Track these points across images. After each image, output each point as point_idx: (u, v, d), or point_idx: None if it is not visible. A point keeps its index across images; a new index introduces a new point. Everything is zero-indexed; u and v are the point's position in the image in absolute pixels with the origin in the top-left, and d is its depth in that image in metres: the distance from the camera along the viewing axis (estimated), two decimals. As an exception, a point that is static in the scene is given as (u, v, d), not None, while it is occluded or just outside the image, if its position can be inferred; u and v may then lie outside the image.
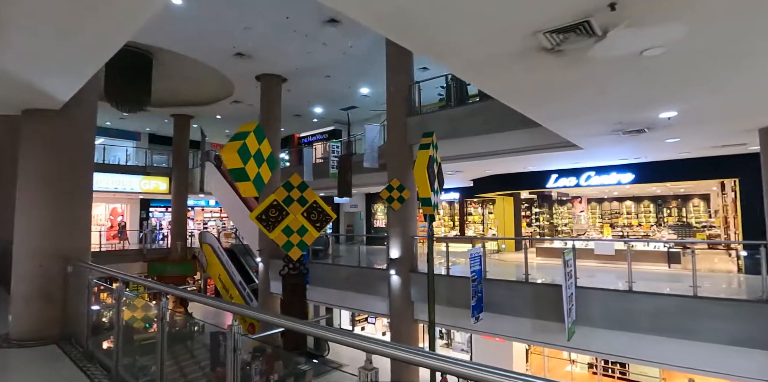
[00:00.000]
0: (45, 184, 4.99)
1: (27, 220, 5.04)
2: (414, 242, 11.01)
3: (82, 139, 5.31)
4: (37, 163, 5.00)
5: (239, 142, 3.93)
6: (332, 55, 13.84)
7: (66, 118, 5.12)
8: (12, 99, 4.80)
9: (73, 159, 5.20)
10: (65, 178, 5.15)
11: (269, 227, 7.02)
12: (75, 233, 5.23)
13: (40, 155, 5.00)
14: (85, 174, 5.37)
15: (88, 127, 5.48)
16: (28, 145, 5.07)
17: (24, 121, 5.12)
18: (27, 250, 5.00)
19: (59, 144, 5.03)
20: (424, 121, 10.77)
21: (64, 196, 5.07)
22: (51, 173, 5.01)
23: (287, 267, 7.66)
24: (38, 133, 5.04)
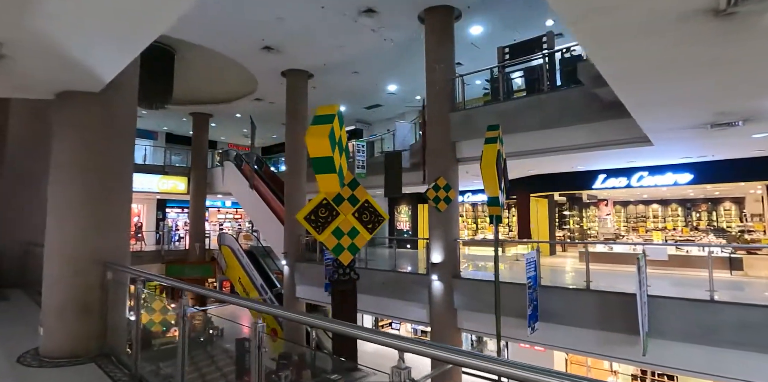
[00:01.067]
0: (82, 177, 4.32)
1: (60, 219, 4.36)
2: (457, 246, 10.31)
3: (123, 127, 4.68)
4: (72, 154, 4.33)
5: (326, 126, 3.26)
6: (364, 49, 13.21)
7: (105, 102, 4.46)
8: (49, 79, 4.16)
9: (112, 149, 4.52)
10: (104, 171, 4.47)
11: (318, 229, 6.37)
12: (114, 235, 4.52)
13: (76, 144, 4.36)
14: (126, 167, 4.72)
15: (129, 114, 4.82)
16: (63, 133, 4.41)
17: (58, 106, 4.47)
18: (61, 254, 4.30)
19: (98, 132, 4.37)
20: (468, 117, 10.08)
21: (102, 191, 4.40)
22: (88, 165, 4.35)
23: (337, 272, 7.01)
24: (74, 119, 4.34)
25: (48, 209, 4.46)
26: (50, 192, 4.48)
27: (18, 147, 9.47)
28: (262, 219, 18.06)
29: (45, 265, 4.43)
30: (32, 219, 9.28)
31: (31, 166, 9.37)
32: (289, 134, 15.09)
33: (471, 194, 22.04)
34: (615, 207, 26.57)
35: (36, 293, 8.11)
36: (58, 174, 4.48)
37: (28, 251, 8.94)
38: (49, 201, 4.48)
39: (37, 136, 9.54)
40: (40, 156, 9.65)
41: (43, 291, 4.45)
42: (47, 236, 4.47)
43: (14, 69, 3.87)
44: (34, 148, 9.46)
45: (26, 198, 9.20)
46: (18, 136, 9.50)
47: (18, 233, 9.00)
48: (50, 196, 4.48)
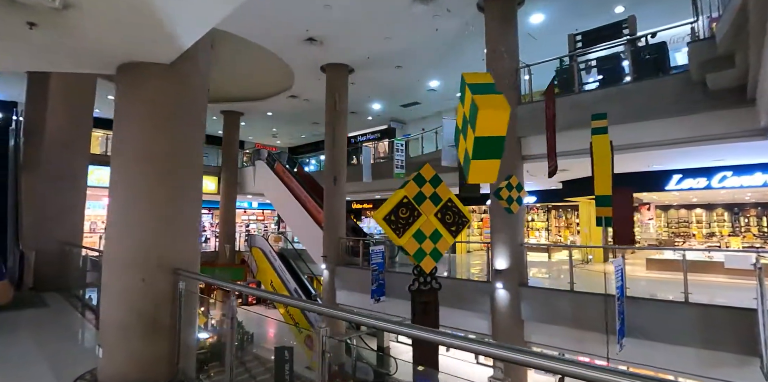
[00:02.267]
0: (149, 168, 3.58)
1: (124, 218, 3.63)
2: (523, 251, 9.43)
3: (195, 109, 3.94)
4: (138, 141, 3.62)
5: (497, 97, 2.48)
6: (412, 41, 12.43)
7: (178, 77, 3.74)
8: (117, 45, 3.41)
9: (184, 135, 3.80)
10: (174, 161, 3.73)
11: (398, 231, 5.56)
12: (184, 237, 3.80)
13: (142, 129, 3.62)
14: (197, 157, 3.96)
15: (202, 94, 4.04)
16: (126, 116, 3.70)
17: (122, 81, 3.72)
18: (124, 260, 3.55)
19: (168, 114, 3.64)
20: (537, 111, 9.20)
21: (173, 185, 3.68)
22: (157, 155, 3.61)
23: (417, 281, 6.18)
24: (141, 97, 3.67)
25: (109, 204, 3.72)
26: (111, 186, 3.75)
27: (55, 144, 8.87)
28: (297, 221, 17.34)
29: (105, 273, 3.69)
30: (69, 218, 8.68)
31: (69, 164, 8.78)
32: (329, 132, 14.35)
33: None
34: (655, 211, 25.35)
35: (75, 297, 7.45)
36: (121, 165, 3.73)
37: (66, 252, 8.31)
38: (110, 197, 3.74)
39: (74, 132, 8.95)
40: (77, 153, 9.10)
41: (102, 304, 3.70)
42: (107, 239, 3.72)
43: (78, 32, 3.16)
44: (71, 145, 8.87)
45: (63, 196, 8.58)
46: (55, 134, 8.91)
47: (55, 233, 8.36)
48: (111, 191, 3.74)
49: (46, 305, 6.86)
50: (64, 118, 8.88)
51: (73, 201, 8.71)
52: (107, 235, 3.74)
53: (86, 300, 6.78)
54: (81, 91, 9.15)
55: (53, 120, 8.92)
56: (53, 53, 3.68)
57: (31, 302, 7.10)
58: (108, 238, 3.71)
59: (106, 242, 3.74)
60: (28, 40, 3.39)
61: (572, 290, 8.61)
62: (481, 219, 21.06)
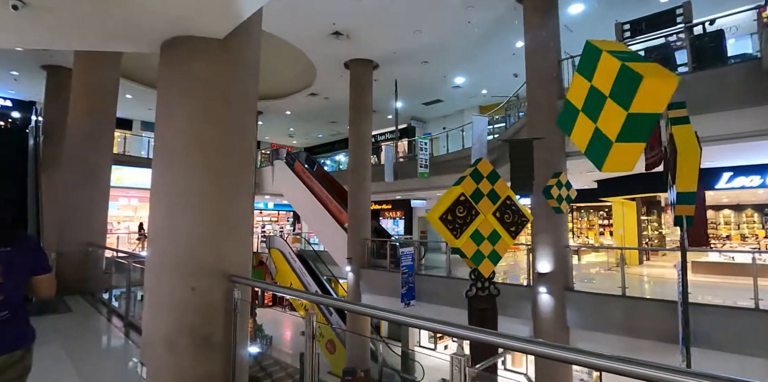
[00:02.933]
0: (201, 159, 3.12)
1: (171, 216, 3.15)
2: (568, 254, 8.88)
3: (248, 90, 3.42)
4: (185, 124, 3.17)
5: (655, 65, 1.99)
6: (442, 34, 11.94)
7: (231, 54, 3.25)
8: (162, 20, 2.94)
9: (238, 120, 3.32)
10: (228, 150, 3.25)
11: (456, 232, 5.07)
12: (239, 237, 3.29)
13: (190, 111, 3.17)
14: (251, 147, 3.48)
15: (255, 73, 3.55)
16: (172, 98, 3.24)
17: (167, 59, 3.27)
18: (171, 265, 3.09)
19: (220, 95, 3.14)
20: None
21: (227, 178, 3.19)
22: (208, 142, 3.14)
23: (474, 287, 5.69)
24: (190, 76, 3.18)
25: (151, 201, 3.26)
26: (155, 181, 3.29)
27: (77, 142, 8.48)
28: (318, 221, 16.89)
29: (148, 282, 3.22)
30: (92, 218, 8.29)
31: (92, 161, 8.38)
32: (353, 129, 13.89)
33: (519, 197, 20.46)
34: (681, 212, 24.39)
35: (99, 302, 7.04)
36: (165, 157, 3.26)
37: (89, 253, 7.92)
38: (154, 194, 3.28)
39: (97, 129, 8.56)
40: (100, 150, 8.69)
41: (145, 318, 3.23)
42: (151, 242, 3.24)
43: (119, 2, 2.71)
44: (94, 142, 8.47)
45: (86, 195, 8.18)
46: (77, 131, 8.52)
47: (78, 233, 7.97)
48: (155, 187, 3.28)
49: (70, 310, 6.44)
50: (86, 115, 8.48)
51: (96, 200, 8.32)
52: (151, 238, 3.26)
53: (112, 305, 6.35)
54: (104, 88, 8.75)
55: (75, 117, 8.54)
56: (91, 29, 3.23)
57: (53, 307, 6.69)
58: (152, 241, 3.23)
59: (149, 246, 3.27)
60: (65, 15, 2.96)
61: (624, 295, 8.04)
62: (504, 220, 20.41)
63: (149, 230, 3.28)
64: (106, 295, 7.65)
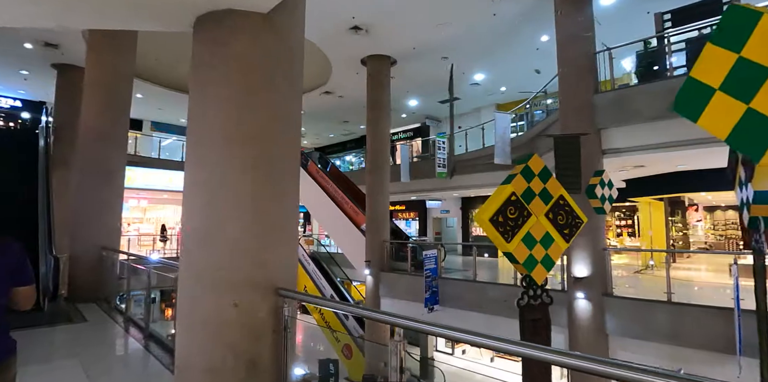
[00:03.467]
0: (242, 152, 2.69)
1: (208, 219, 2.69)
2: (606, 257, 8.39)
3: (294, 72, 3.01)
4: (225, 111, 2.72)
5: None
6: (465, 28, 11.49)
7: (276, 31, 2.81)
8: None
9: (284, 106, 2.88)
10: (273, 141, 2.78)
11: (507, 235, 4.59)
12: (286, 244, 2.84)
13: (230, 95, 2.73)
14: (297, 138, 3.05)
15: (301, 53, 3.13)
16: (209, 80, 2.82)
17: (202, 37, 2.84)
18: (209, 276, 2.63)
19: (264, 77, 2.71)
20: (622, 99, 8.19)
21: (272, 175, 2.74)
22: (251, 132, 2.70)
23: (527, 295, 5.21)
24: (230, 54, 2.74)
25: (185, 206, 2.83)
26: (188, 178, 2.85)
27: (91, 140, 8.09)
28: (333, 223, 16.47)
29: (182, 297, 2.76)
30: (106, 220, 7.89)
31: (106, 161, 7.99)
32: (371, 128, 13.45)
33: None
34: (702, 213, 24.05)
35: (115, 310, 6.64)
36: (201, 150, 2.81)
37: (103, 257, 7.52)
38: (188, 193, 2.85)
39: (110, 127, 8.17)
40: (114, 148, 8.30)
41: (179, 339, 2.78)
42: (185, 251, 2.81)
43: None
44: (108, 139, 8.08)
45: (101, 196, 7.79)
46: (91, 129, 8.13)
47: (92, 236, 7.58)
48: (189, 184, 2.84)
49: (84, 320, 6.03)
50: (99, 113, 8.11)
51: (110, 201, 7.93)
52: (184, 246, 2.83)
53: (130, 314, 5.94)
54: (117, 84, 8.35)
55: (88, 116, 8.16)
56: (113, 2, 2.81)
57: (66, 316, 6.29)
58: (186, 249, 2.79)
59: (183, 254, 2.82)
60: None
61: (670, 301, 7.55)
62: (522, 221, 19.90)
63: (182, 238, 2.85)
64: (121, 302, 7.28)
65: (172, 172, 18.28)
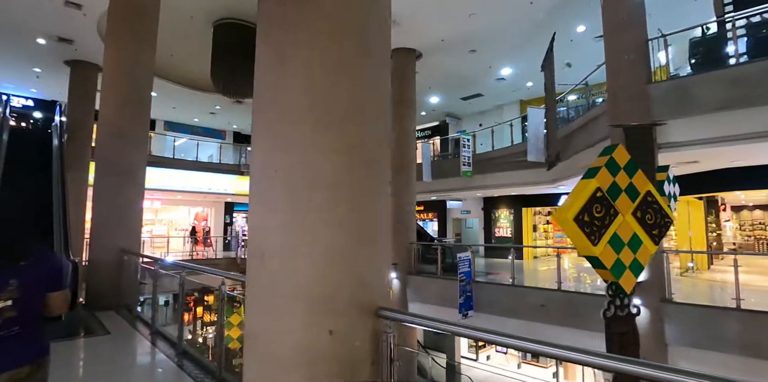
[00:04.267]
0: (330, 132, 2.12)
1: (287, 221, 2.10)
2: (664, 260, 7.75)
3: (386, 40, 2.50)
4: (306, 86, 2.14)
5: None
6: (499, 17, 10.90)
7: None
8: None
9: (375, 82, 2.31)
10: (366, 120, 2.23)
11: (593, 236, 3.91)
12: (380, 251, 2.25)
13: (311, 66, 2.14)
14: (387, 116, 2.47)
15: (388, 15, 2.60)
16: (285, 44, 2.21)
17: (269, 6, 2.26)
18: (292, 295, 2.03)
19: (357, 40, 2.21)
20: (682, 89, 7.54)
21: (365, 162, 2.17)
22: (342, 109, 2.15)
23: (613, 305, 4.58)
24: (310, 14, 2.14)
25: (252, 207, 2.25)
26: (256, 170, 2.26)
27: (109, 136, 7.58)
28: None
29: (252, 319, 2.18)
30: (127, 221, 7.36)
31: (126, 159, 7.45)
32: (396, 125, 12.86)
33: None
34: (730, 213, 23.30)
35: (138, 319, 6.09)
36: (275, 130, 2.15)
37: (123, 261, 6.99)
38: (254, 190, 2.27)
39: (129, 123, 7.62)
40: (135, 145, 7.76)
41: (248, 372, 2.20)
42: (255, 263, 2.19)
43: None
44: (128, 135, 7.54)
45: (120, 197, 7.26)
46: (109, 126, 7.60)
47: (112, 239, 7.06)
48: (256, 178, 2.26)
49: (106, 331, 5.48)
50: (118, 107, 7.57)
51: (131, 202, 7.40)
52: (255, 254, 2.23)
53: (157, 327, 5.37)
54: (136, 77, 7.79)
55: (107, 110, 7.63)
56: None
57: (86, 326, 5.77)
58: (260, 260, 2.16)
59: (254, 267, 2.21)
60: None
61: (739, 308, 6.90)
62: (547, 221, 19.27)
63: (250, 246, 2.27)
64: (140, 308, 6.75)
65: (186, 173, 17.81)
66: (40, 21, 10.81)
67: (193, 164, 18.45)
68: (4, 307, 1.90)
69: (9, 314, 1.91)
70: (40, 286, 2.05)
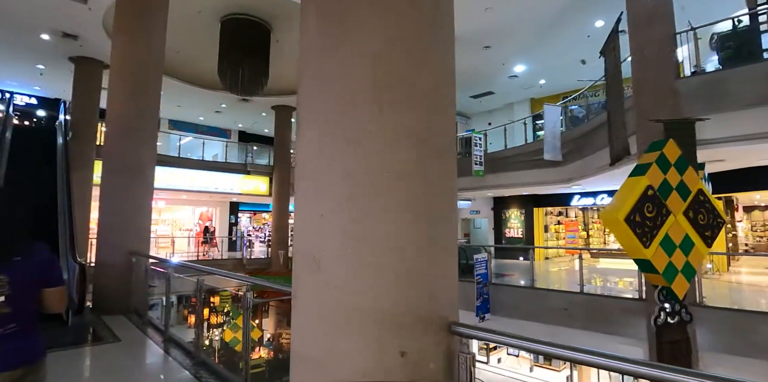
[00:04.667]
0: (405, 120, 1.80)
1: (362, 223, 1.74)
2: (696, 262, 7.40)
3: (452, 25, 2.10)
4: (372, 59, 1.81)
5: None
6: (516, 11, 10.57)
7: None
8: None
9: (444, 66, 1.98)
10: (435, 108, 1.90)
11: (646, 238, 3.66)
12: (450, 257, 1.91)
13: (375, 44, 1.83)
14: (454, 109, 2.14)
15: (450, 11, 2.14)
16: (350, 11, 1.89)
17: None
18: (358, 309, 1.70)
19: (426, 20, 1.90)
20: (715, 83, 7.23)
21: (440, 159, 1.87)
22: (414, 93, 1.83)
23: (664, 312, 4.27)
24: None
25: (304, 195, 1.94)
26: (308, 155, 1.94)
27: (117, 132, 7.27)
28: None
29: (301, 336, 1.87)
30: (136, 222, 7.06)
31: (135, 156, 7.15)
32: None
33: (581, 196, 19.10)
34: (742, 213, 22.92)
35: (149, 325, 5.79)
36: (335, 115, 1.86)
37: (132, 264, 6.69)
38: (304, 179, 1.94)
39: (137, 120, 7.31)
40: (144, 141, 7.46)
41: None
42: (309, 267, 1.86)
43: None
44: (137, 132, 7.24)
45: (129, 196, 6.96)
46: (118, 119, 7.29)
47: (121, 240, 6.76)
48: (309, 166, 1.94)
49: (116, 338, 5.17)
50: (126, 101, 7.26)
51: (140, 200, 7.10)
52: (304, 264, 1.88)
53: (170, 333, 5.07)
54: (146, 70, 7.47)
55: (114, 104, 7.33)
56: None
57: (95, 332, 5.47)
58: (309, 270, 1.85)
59: (300, 279, 1.84)
60: None
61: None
62: (558, 221, 18.95)
63: (298, 249, 1.95)
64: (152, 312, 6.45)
65: (193, 172, 17.54)
66: (44, 16, 10.53)
67: (200, 164, 18.17)
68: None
69: (3, 310, 1.88)
70: (34, 282, 2.02)
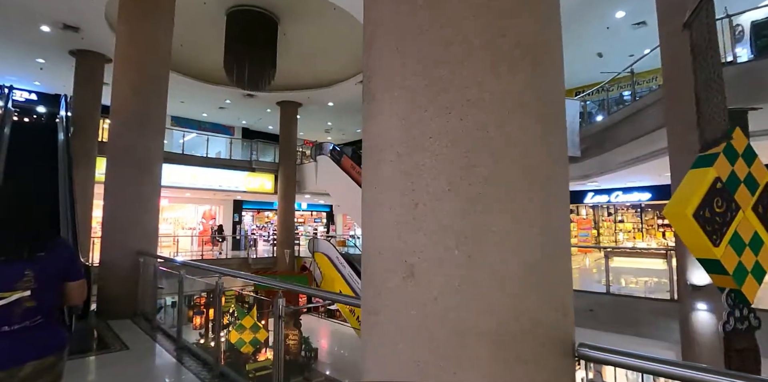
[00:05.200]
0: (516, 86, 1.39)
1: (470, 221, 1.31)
2: (733, 261, 7.03)
3: None
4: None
5: None
6: (533, 2, 10.13)
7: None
8: None
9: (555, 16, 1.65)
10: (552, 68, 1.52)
11: (716, 236, 3.24)
12: (569, 267, 1.55)
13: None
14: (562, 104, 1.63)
15: None
16: None
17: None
18: (481, 333, 1.25)
19: None
20: (756, 72, 6.83)
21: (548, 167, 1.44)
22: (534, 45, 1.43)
23: (732, 317, 3.86)
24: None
25: (367, 188, 1.55)
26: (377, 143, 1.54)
27: (122, 125, 6.88)
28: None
29: (386, 351, 1.46)
30: (143, 220, 6.68)
31: (141, 149, 6.76)
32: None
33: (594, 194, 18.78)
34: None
35: (159, 331, 5.41)
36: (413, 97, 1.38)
37: (139, 265, 6.31)
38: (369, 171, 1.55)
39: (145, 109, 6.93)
40: (151, 135, 7.07)
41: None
42: (388, 278, 1.39)
43: None
44: (144, 124, 6.85)
45: (136, 193, 6.57)
46: (123, 110, 6.89)
47: (128, 239, 6.37)
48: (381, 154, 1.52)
49: (125, 346, 4.78)
50: (132, 92, 6.86)
51: (147, 196, 6.71)
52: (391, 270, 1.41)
53: (183, 341, 4.68)
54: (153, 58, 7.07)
55: (119, 95, 6.93)
56: None
57: (101, 339, 5.09)
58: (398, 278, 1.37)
59: (384, 289, 1.33)
60: None
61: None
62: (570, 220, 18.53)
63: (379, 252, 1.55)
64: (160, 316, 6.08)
65: (197, 169, 17.14)
66: (44, 6, 10.12)
67: (204, 161, 17.77)
68: (23, 297, 1.93)
69: (29, 304, 1.95)
70: (57, 276, 2.09)
